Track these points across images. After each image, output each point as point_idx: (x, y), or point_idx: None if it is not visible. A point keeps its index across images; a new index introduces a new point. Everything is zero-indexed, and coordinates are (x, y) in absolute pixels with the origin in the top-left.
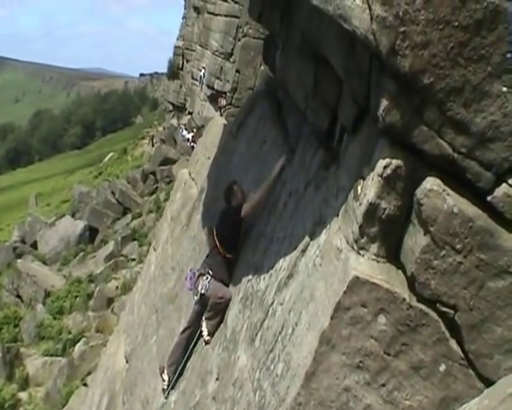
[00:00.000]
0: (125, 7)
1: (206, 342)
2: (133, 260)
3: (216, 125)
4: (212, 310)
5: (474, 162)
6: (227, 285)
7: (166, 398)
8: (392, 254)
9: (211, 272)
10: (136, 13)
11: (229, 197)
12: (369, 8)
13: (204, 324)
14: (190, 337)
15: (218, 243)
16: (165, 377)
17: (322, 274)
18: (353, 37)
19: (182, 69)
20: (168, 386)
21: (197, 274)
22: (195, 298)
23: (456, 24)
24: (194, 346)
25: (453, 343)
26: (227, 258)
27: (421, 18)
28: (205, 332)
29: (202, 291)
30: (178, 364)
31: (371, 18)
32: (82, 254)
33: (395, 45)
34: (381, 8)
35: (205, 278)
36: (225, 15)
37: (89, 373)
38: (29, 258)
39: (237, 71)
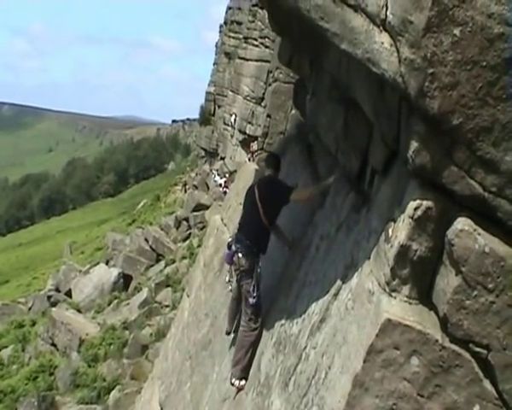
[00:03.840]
0: (158, 54)
1: (240, 389)
2: (167, 306)
3: (248, 171)
4: (241, 349)
5: (505, 201)
6: (263, 253)
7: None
8: (424, 296)
9: (248, 243)
10: (168, 60)
11: (279, 164)
12: (397, 51)
13: (232, 377)
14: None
15: (262, 210)
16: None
17: (355, 317)
18: (382, 79)
19: (213, 115)
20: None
21: (234, 250)
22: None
23: (485, 64)
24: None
25: (487, 384)
26: (266, 228)
27: (449, 59)
28: (235, 382)
29: (251, 302)
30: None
31: (399, 61)
32: (116, 301)
33: (424, 87)
34: (409, 50)
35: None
36: (256, 60)
37: None
38: (63, 306)
39: (268, 115)
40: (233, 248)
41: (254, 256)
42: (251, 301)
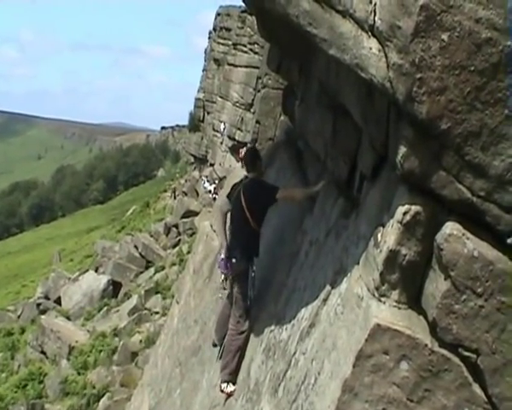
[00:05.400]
0: (147, 60)
1: (229, 394)
2: (157, 313)
3: (237, 177)
4: (229, 353)
5: (493, 205)
6: (257, 256)
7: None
8: (414, 300)
9: (241, 248)
10: (158, 66)
11: (256, 162)
12: (386, 56)
13: (221, 382)
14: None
15: (249, 215)
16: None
17: (344, 322)
18: (370, 85)
19: (203, 121)
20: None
21: (227, 256)
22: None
23: (473, 68)
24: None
25: (476, 388)
26: (255, 231)
27: (437, 64)
28: (224, 388)
29: (242, 304)
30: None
31: (388, 66)
32: (106, 308)
33: (412, 92)
34: (398, 55)
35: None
36: (245, 66)
37: None
38: (53, 314)
39: (257, 122)
40: (226, 253)
41: (248, 260)
42: (242, 303)
